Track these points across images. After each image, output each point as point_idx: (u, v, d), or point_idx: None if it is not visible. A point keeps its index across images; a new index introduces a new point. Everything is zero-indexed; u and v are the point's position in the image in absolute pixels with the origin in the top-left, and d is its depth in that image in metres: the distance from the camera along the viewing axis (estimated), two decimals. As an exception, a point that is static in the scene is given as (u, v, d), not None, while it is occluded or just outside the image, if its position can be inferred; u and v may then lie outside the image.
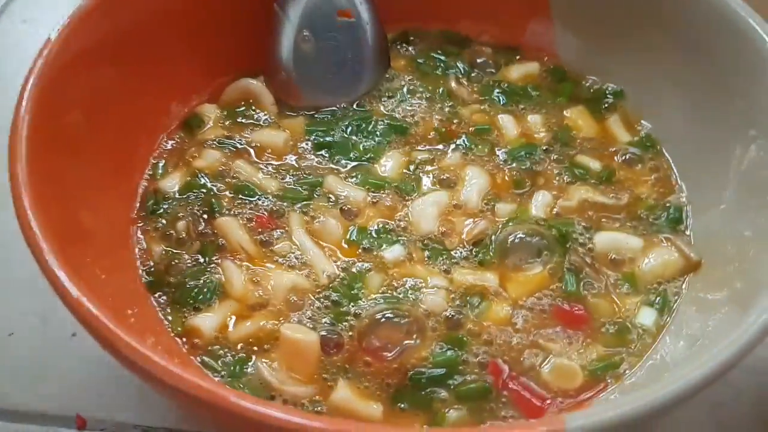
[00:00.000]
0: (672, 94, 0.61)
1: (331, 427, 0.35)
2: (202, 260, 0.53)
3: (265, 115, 0.62)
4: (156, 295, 0.51)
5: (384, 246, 0.54)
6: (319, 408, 0.46)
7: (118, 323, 0.37)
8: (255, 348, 0.49)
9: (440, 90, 0.65)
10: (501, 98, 0.64)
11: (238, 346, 0.49)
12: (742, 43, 0.54)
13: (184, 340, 0.49)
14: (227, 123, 0.61)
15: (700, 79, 0.59)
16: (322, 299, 0.51)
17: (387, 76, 0.65)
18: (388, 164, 0.59)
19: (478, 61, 0.68)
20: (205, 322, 0.49)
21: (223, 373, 0.47)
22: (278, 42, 0.63)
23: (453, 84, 0.65)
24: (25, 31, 0.76)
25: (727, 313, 0.47)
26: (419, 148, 0.61)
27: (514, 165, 0.59)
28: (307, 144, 0.60)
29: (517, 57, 0.68)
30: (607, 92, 0.65)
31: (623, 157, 0.61)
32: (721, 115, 0.57)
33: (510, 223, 0.55)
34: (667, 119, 0.61)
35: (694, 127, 0.59)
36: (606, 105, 0.64)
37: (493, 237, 0.54)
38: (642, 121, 0.63)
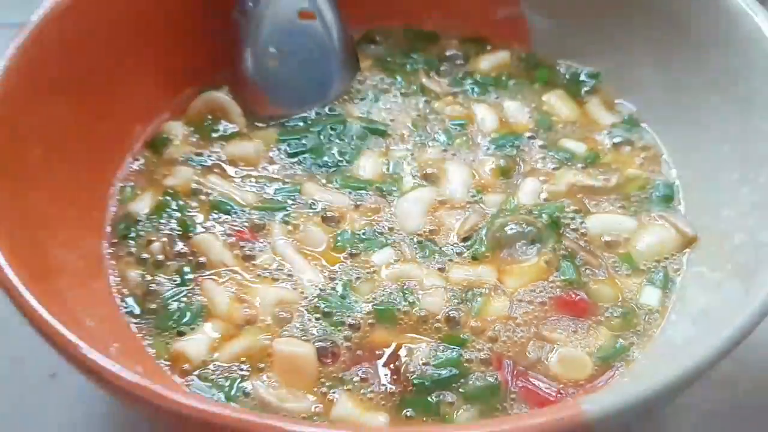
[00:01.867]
0: (649, 71, 0.60)
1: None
2: (181, 281, 0.50)
3: (234, 127, 0.60)
4: (137, 323, 0.48)
5: (373, 250, 0.51)
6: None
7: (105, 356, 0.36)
8: (248, 367, 0.46)
9: (413, 86, 0.63)
10: (474, 89, 0.63)
11: (231, 367, 0.46)
12: (720, 14, 0.54)
13: (173, 366, 0.46)
14: (195, 139, 0.59)
15: (676, 55, 0.58)
16: (311, 311, 0.48)
17: (359, 78, 0.63)
18: (366, 165, 0.57)
19: (447, 54, 0.66)
20: (191, 345, 0.47)
21: (217, 396, 0.44)
22: (241, 52, 0.61)
23: (424, 79, 0.64)
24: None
25: (731, 288, 0.45)
26: (395, 146, 0.59)
27: (498, 154, 0.58)
28: (280, 153, 0.58)
29: (488, 47, 0.66)
30: (582, 75, 0.63)
31: (612, 140, 0.59)
32: (701, 88, 0.56)
33: (500, 214, 0.53)
34: (648, 97, 0.60)
35: (675, 103, 0.58)
36: (587, 89, 0.62)
37: (484, 230, 0.52)
38: (622, 101, 0.62)
